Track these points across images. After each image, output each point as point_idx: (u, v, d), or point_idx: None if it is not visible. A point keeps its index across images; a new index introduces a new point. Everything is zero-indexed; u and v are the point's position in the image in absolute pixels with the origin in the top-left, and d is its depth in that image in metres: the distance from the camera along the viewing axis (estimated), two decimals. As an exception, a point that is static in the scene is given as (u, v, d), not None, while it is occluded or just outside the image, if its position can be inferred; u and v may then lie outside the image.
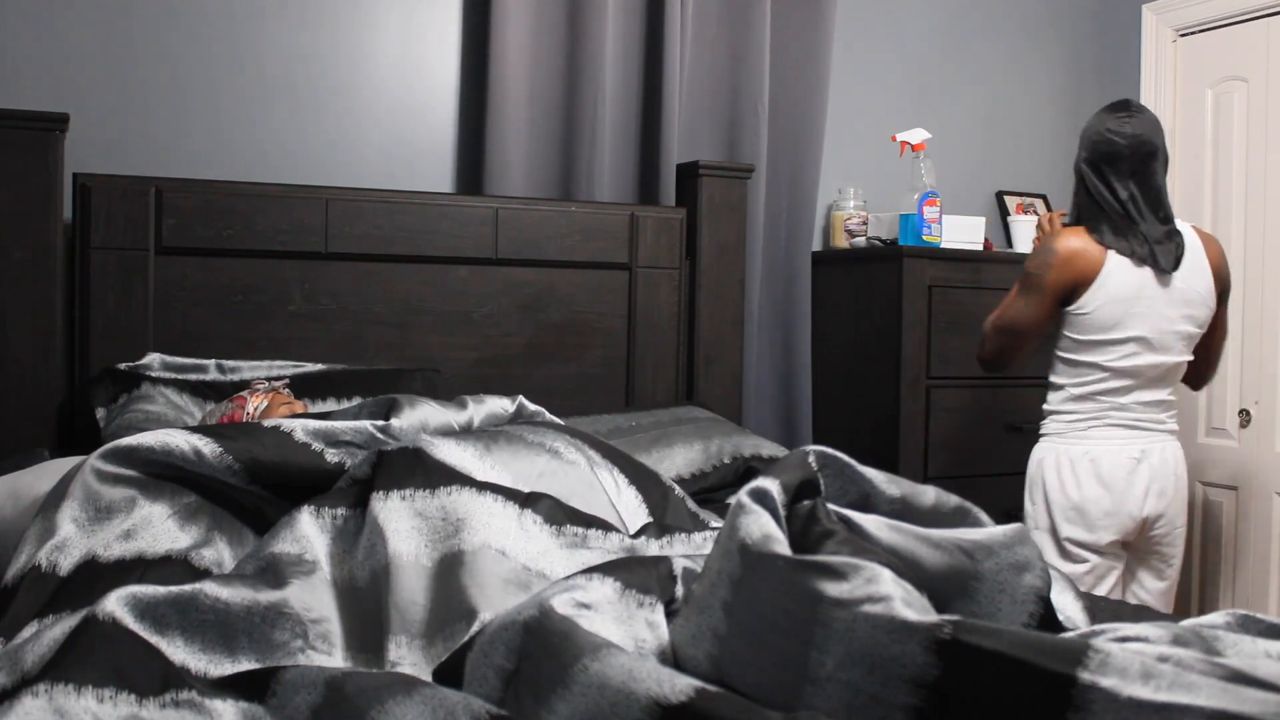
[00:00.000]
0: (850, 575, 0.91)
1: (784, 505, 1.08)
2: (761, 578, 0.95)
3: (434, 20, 2.74)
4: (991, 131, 3.54)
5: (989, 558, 1.06)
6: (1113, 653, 0.85)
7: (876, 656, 0.86)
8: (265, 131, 2.57)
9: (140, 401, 2.09)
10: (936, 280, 2.83)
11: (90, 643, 1.08)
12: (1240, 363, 3.33)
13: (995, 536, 1.09)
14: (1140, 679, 0.83)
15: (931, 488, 1.20)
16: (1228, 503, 3.34)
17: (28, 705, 0.99)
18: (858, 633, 0.87)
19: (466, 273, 2.52)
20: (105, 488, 1.42)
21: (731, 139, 3.00)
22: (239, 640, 1.21)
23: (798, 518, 1.08)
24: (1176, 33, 3.53)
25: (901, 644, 0.86)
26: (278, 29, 2.58)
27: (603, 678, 0.91)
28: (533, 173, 2.76)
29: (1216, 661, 0.89)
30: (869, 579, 0.91)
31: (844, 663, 0.88)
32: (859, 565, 0.92)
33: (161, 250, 2.27)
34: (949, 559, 1.05)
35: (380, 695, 0.98)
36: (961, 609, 1.05)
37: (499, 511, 1.39)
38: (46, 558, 1.33)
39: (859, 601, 0.89)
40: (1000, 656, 0.84)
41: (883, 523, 1.07)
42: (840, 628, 0.88)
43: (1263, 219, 3.28)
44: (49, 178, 2.16)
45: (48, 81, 2.37)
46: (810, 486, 1.13)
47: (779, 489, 1.09)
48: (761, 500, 1.07)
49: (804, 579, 0.92)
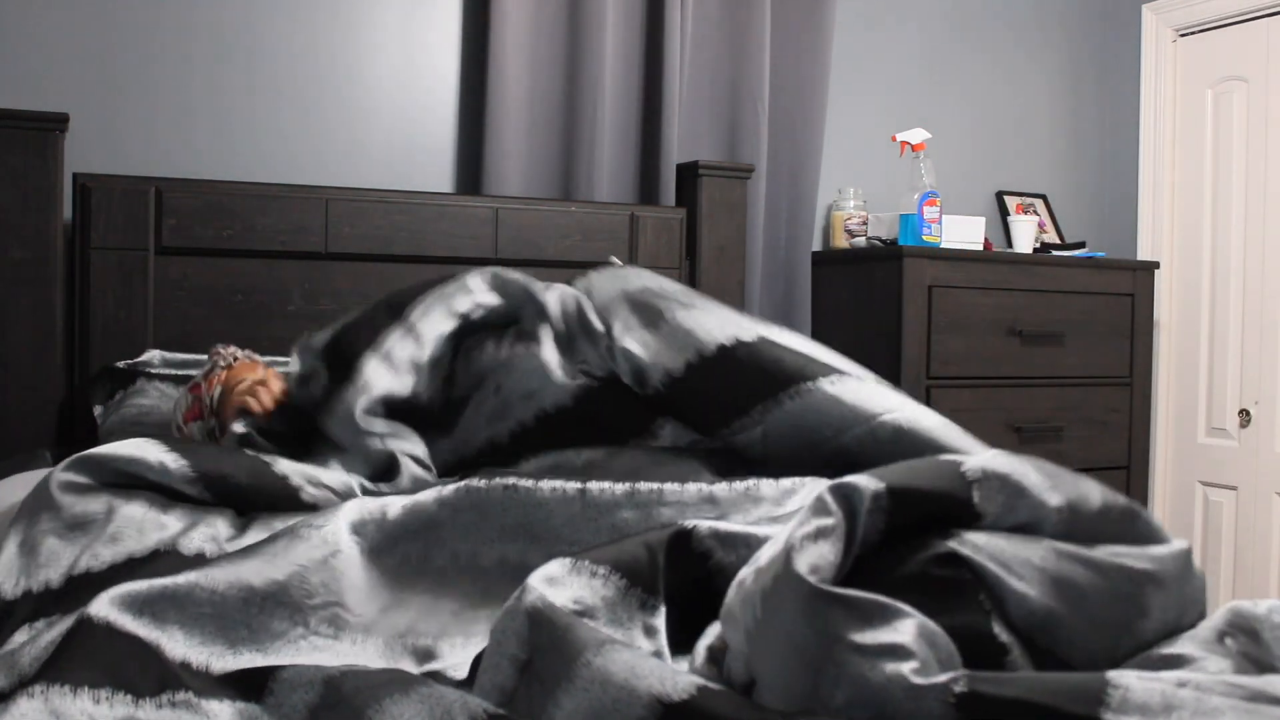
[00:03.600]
0: (874, 618, 0.88)
1: (878, 512, 0.98)
2: (790, 600, 0.91)
3: (434, 20, 2.74)
4: (991, 131, 3.54)
5: (1158, 590, 1.03)
6: (1131, 686, 0.84)
7: (891, 708, 0.85)
8: (265, 131, 2.58)
9: (135, 396, 2.11)
10: (936, 280, 2.84)
11: (85, 643, 1.07)
12: (1240, 363, 3.33)
13: (1165, 561, 1.06)
14: (1163, 713, 0.82)
15: (1096, 485, 1.09)
16: (1228, 503, 3.35)
17: (24, 707, 0.98)
18: (872, 684, 0.85)
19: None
20: (77, 498, 1.36)
21: (731, 139, 3.00)
22: (238, 632, 1.18)
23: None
24: (1176, 33, 3.53)
25: (915, 701, 0.84)
26: (278, 29, 2.59)
27: (605, 674, 0.90)
28: (532, 173, 2.76)
29: (1235, 682, 0.88)
30: (893, 624, 0.87)
31: (854, 703, 0.86)
32: (886, 606, 0.88)
33: (161, 250, 2.27)
34: (1113, 587, 1.02)
35: (378, 694, 0.97)
36: (1141, 628, 1.02)
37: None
38: (34, 579, 1.28)
39: (877, 651, 0.86)
40: (1020, 703, 0.83)
41: (1040, 558, 0.99)
42: (854, 674, 0.86)
43: (1263, 219, 3.28)
44: (49, 178, 2.16)
45: (48, 81, 2.38)
46: (950, 504, 1.02)
47: (875, 492, 0.98)
48: (844, 500, 0.97)
49: (826, 612, 0.88)
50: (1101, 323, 3.06)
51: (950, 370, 2.85)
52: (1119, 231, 3.68)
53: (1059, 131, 3.66)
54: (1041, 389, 2.98)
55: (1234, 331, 3.36)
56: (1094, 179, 3.72)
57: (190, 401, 1.90)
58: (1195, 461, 3.46)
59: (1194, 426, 3.45)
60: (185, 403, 1.91)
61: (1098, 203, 3.73)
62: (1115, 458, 3.07)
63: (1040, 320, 2.97)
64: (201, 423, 1.88)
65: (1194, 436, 3.45)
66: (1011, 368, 2.93)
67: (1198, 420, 3.44)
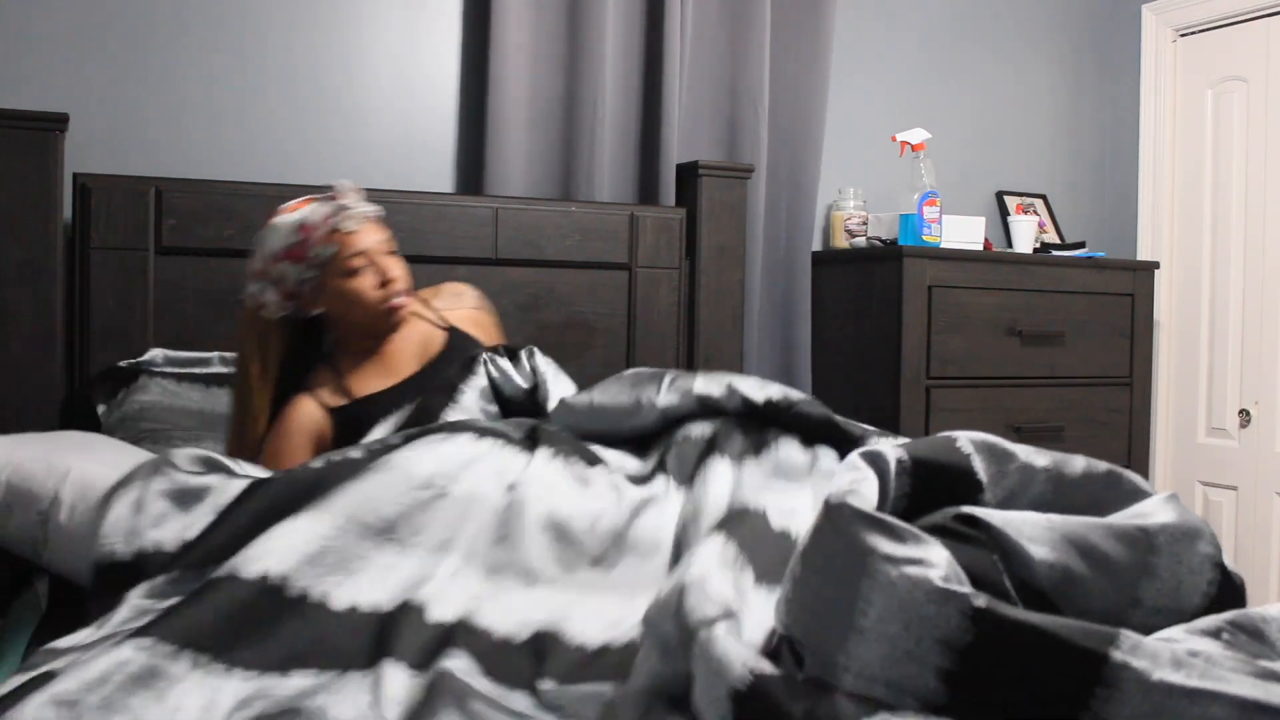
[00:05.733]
0: (906, 539, 0.94)
1: (903, 475, 1.10)
2: (831, 524, 0.98)
3: (434, 20, 2.74)
4: (991, 131, 3.54)
5: (1161, 532, 1.07)
6: (1143, 640, 0.87)
7: (914, 614, 0.89)
8: (265, 131, 2.58)
9: (137, 393, 2.11)
10: (936, 280, 2.83)
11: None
12: (1240, 363, 3.33)
13: (1161, 508, 1.10)
14: (1171, 666, 0.84)
15: (1079, 455, 1.20)
16: (1228, 503, 3.35)
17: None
18: (899, 588, 0.90)
19: (466, 272, 2.52)
20: (189, 477, 1.41)
21: (731, 139, 3.00)
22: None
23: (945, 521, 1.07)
24: (1176, 33, 3.53)
25: (937, 605, 0.88)
26: (278, 29, 2.59)
27: (721, 648, 0.97)
28: (533, 173, 2.76)
29: (1246, 660, 0.90)
30: (924, 546, 0.94)
31: (885, 616, 0.91)
32: (919, 535, 0.95)
33: (161, 250, 2.27)
34: (1126, 542, 1.05)
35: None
36: (1146, 589, 1.05)
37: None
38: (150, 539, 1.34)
39: (906, 561, 0.92)
40: (1032, 628, 0.86)
41: (1047, 523, 1.05)
42: (884, 581, 0.91)
43: (1263, 219, 3.28)
44: (49, 178, 2.16)
45: (48, 81, 2.37)
46: (956, 474, 1.13)
47: (899, 458, 1.11)
48: (873, 462, 1.09)
49: (861, 530, 0.95)
50: (1101, 323, 3.06)
51: (950, 370, 2.85)
52: (1119, 231, 3.68)
53: (1059, 131, 3.66)
54: (1041, 389, 2.99)
55: (1234, 331, 3.35)
56: (1094, 179, 3.72)
57: (295, 241, 1.84)
58: (1195, 461, 3.46)
59: (1194, 426, 3.45)
60: (286, 237, 1.84)
61: (1098, 203, 3.73)
62: (1115, 458, 3.05)
63: (1040, 320, 2.97)
64: (296, 268, 1.84)
65: (1194, 436, 3.45)
66: (1011, 368, 2.93)
67: (1198, 420, 3.44)
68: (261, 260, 1.86)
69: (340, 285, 1.86)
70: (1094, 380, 3.06)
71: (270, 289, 1.85)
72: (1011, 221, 3.33)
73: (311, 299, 1.89)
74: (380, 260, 1.87)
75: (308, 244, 1.84)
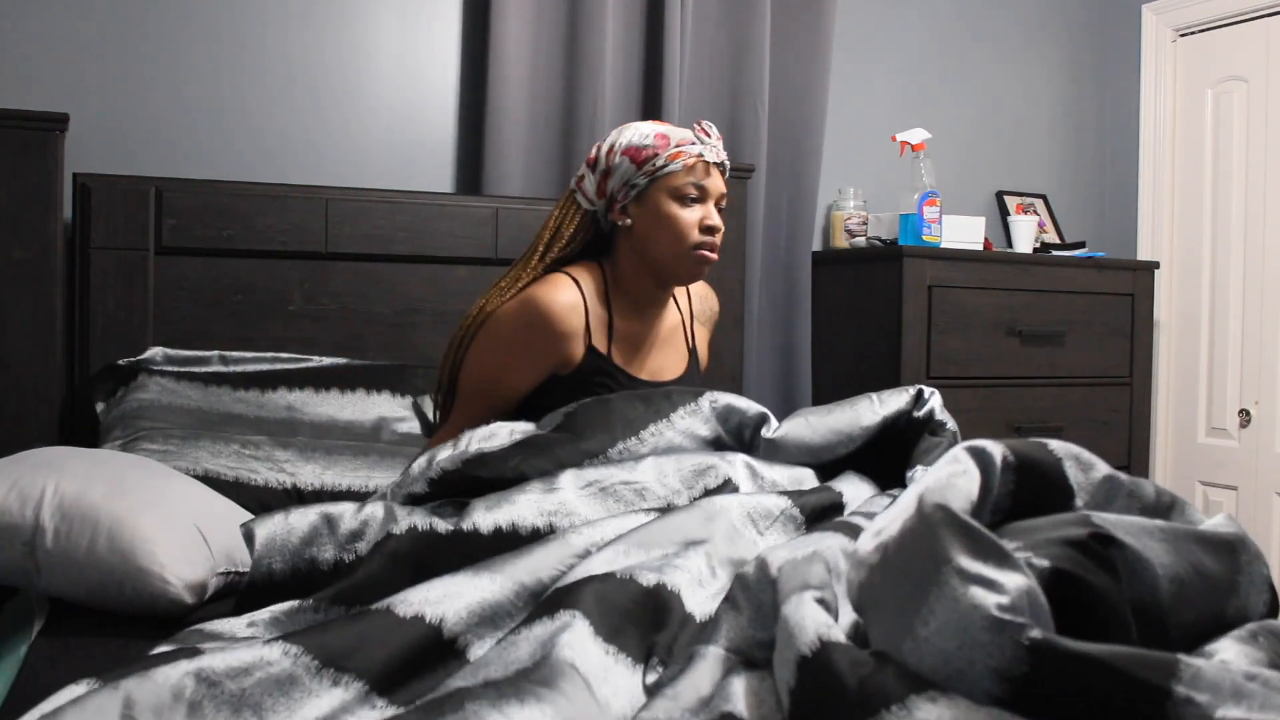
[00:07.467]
0: (988, 556, 0.91)
1: (1008, 470, 1.11)
2: (921, 522, 0.97)
3: (434, 20, 2.74)
4: (991, 131, 3.54)
5: (1244, 550, 1.09)
6: (1203, 668, 0.85)
7: (968, 637, 0.87)
8: (265, 131, 2.58)
9: (136, 391, 2.11)
10: (936, 280, 2.84)
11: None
12: (1240, 363, 3.33)
13: (1227, 526, 1.12)
14: (1232, 698, 0.83)
15: (1148, 481, 1.22)
16: (1228, 503, 3.35)
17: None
18: (960, 606, 0.88)
19: (466, 273, 2.52)
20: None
21: (731, 139, 3.00)
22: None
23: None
24: (1176, 33, 3.53)
25: (991, 634, 0.86)
26: (278, 29, 2.59)
27: (793, 616, 0.99)
28: (533, 173, 2.75)
29: None
30: (1002, 567, 0.91)
31: (942, 629, 0.89)
32: (1004, 552, 0.92)
33: (161, 250, 2.27)
34: (1218, 554, 1.07)
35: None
36: (1230, 603, 1.06)
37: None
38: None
39: (977, 579, 0.89)
40: (1091, 661, 0.84)
41: (1159, 530, 1.06)
42: (950, 595, 0.89)
43: (1263, 219, 3.28)
44: (49, 178, 2.16)
45: (48, 81, 2.37)
46: (1052, 477, 1.14)
47: (1004, 454, 1.11)
48: (977, 456, 1.09)
49: (946, 535, 0.93)
50: (1101, 323, 3.07)
51: (950, 370, 2.85)
52: (1119, 231, 3.68)
53: (1059, 131, 3.66)
54: (1041, 389, 2.99)
55: (1234, 331, 3.36)
56: (1094, 179, 3.72)
57: (645, 144, 1.79)
58: (1195, 461, 3.46)
59: (1194, 426, 3.45)
60: (638, 138, 1.80)
61: (1098, 203, 3.73)
62: (1115, 458, 3.06)
63: (1040, 320, 2.97)
64: (630, 167, 1.79)
65: (1194, 436, 3.45)
66: (1011, 368, 2.93)
67: (1198, 420, 3.44)
68: (604, 149, 1.83)
69: (664, 206, 1.78)
70: (1094, 380, 3.06)
71: (594, 177, 1.82)
72: (1011, 221, 3.33)
73: (625, 206, 1.81)
74: (713, 203, 1.82)
75: (655, 150, 1.78)
